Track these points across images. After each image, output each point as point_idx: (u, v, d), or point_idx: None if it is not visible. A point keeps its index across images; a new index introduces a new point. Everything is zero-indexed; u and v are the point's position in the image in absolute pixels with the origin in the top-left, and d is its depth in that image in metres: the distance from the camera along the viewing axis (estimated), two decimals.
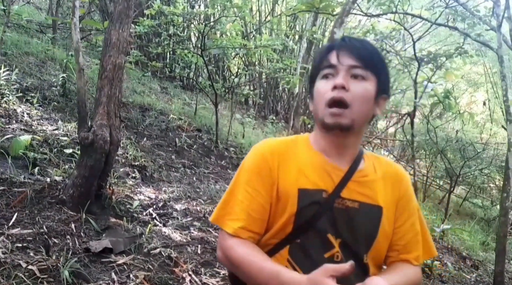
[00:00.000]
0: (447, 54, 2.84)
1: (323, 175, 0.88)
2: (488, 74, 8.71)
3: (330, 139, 0.89)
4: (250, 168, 0.90)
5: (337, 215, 0.86)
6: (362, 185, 0.89)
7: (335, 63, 0.85)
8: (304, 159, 0.90)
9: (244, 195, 0.88)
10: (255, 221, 0.87)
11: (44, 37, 4.98)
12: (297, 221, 0.86)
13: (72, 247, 2.02)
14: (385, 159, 0.98)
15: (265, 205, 0.88)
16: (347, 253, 0.86)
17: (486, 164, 5.61)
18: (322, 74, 0.87)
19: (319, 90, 0.87)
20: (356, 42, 0.88)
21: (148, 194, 3.03)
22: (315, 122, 0.93)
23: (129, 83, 5.39)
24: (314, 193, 0.86)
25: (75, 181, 2.29)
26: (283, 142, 0.94)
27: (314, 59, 0.96)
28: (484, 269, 3.70)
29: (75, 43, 2.24)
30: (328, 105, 0.84)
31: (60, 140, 2.93)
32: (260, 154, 0.91)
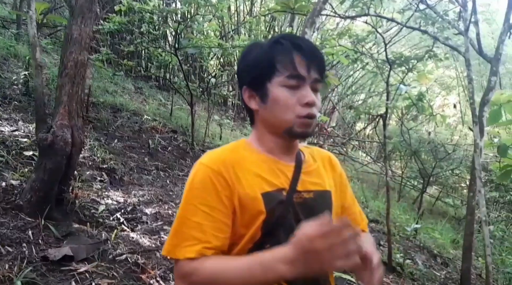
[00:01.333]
0: (417, 57, 2.89)
1: (278, 174, 0.88)
2: (460, 78, 9.02)
3: (282, 143, 0.90)
4: (201, 185, 0.83)
5: (298, 209, 0.86)
6: (310, 175, 0.91)
7: (305, 75, 0.84)
8: (257, 163, 0.88)
9: (202, 216, 0.81)
10: (219, 239, 0.82)
11: (7, 33, 4.74)
12: (265, 226, 0.83)
13: (28, 256, 1.90)
14: (315, 148, 1.03)
15: (227, 222, 0.83)
16: None
17: (456, 164, 5.77)
18: (287, 83, 0.83)
19: (287, 102, 0.84)
20: (318, 53, 0.87)
21: (116, 197, 2.90)
22: (266, 125, 0.89)
23: (101, 82, 5.21)
24: (276, 194, 0.85)
25: (33, 185, 2.15)
26: (228, 151, 0.90)
27: (268, 53, 0.86)
28: (453, 266, 3.79)
29: (31, 38, 2.11)
30: (301, 118, 0.84)
31: (19, 142, 2.77)
32: (209, 168, 0.84)
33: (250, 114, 0.93)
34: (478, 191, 2.24)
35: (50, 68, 4.37)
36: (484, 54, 2.71)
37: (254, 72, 0.87)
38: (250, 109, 0.90)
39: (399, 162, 7.78)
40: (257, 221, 0.83)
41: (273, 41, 0.87)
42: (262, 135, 0.91)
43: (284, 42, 0.85)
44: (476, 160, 2.28)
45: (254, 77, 0.87)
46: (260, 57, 0.87)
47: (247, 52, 0.91)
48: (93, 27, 2.16)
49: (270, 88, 0.85)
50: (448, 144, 6.18)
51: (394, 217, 5.04)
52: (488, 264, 2.18)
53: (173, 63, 5.41)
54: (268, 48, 0.86)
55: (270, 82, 0.85)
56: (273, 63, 0.84)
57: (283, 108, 0.84)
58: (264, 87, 0.86)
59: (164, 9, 3.90)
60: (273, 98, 0.85)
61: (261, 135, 0.91)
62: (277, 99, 0.84)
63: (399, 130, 6.02)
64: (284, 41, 0.86)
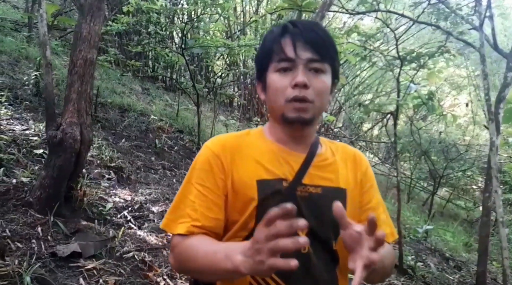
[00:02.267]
0: (429, 53, 2.83)
1: (282, 163, 0.84)
2: (471, 77, 8.87)
3: (288, 131, 0.86)
4: (201, 166, 0.85)
5: (301, 203, 0.81)
6: (322, 169, 0.86)
7: (292, 56, 0.80)
8: (260, 150, 0.86)
9: (196, 194, 0.82)
10: (209, 220, 0.81)
11: (19, 36, 4.80)
12: (259, 215, 0.79)
13: (37, 252, 1.90)
14: (341, 143, 0.97)
15: (219, 203, 0.83)
16: (315, 242, 0.80)
17: (468, 165, 5.66)
18: (278, 67, 0.82)
19: (276, 85, 0.82)
20: (310, 30, 0.82)
21: (124, 196, 2.91)
22: (270, 115, 0.89)
23: (109, 83, 5.24)
24: (274, 183, 0.82)
25: (42, 182, 2.16)
26: (234, 136, 0.90)
27: (264, 43, 0.87)
28: (467, 270, 3.70)
29: (41, 37, 2.12)
30: (289, 101, 0.81)
31: (30, 140, 2.79)
32: (210, 150, 0.86)
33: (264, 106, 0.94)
34: (495, 191, 2.17)
35: (60, 70, 4.41)
36: (500, 50, 2.64)
37: (257, 66, 0.89)
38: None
39: (408, 162, 7.67)
40: (248, 208, 0.80)
41: (268, 32, 0.88)
42: (272, 125, 0.90)
43: (276, 29, 0.85)
44: (492, 158, 2.22)
45: (258, 70, 0.89)
46: (259, 50, 0.88)
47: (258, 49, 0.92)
48: (102, 26, 2.17)
49: (268, 75, 0.85)
50: (460, 144, 6.07)
51: (404, 218, 4.97)
52: (505, 268, 2.10)
53: (179, 64, 5.42)
54: (264, 40, 0.87)
55: (267, 71, 0.85)
56: (268, 51, 0.84)
57: (275, 94, 0.83)
58: (264, 76, 0.86)
59: (171, 9, 3.90)
60: (269, 85, 0.85)
61: (271, 125, 0.90)
62: (271, 84, 0.84)
63: (408, 131, 5.94)
64: (275, 29, 0.86)
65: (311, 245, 0.78)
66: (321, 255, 0.83)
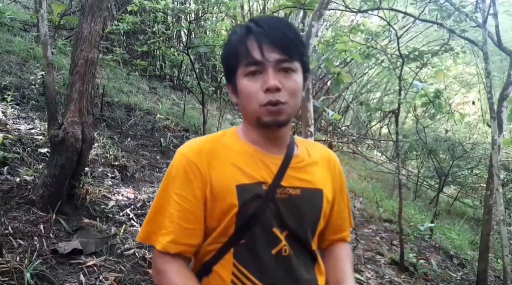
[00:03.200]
0: (432, 51, 2.80)
1: (260, 166, 0.83)
2: (480, 75, 8.71)
3: (264, 134, 0.85)
4: (176, 174, 0.82)
5: (281, 205, 0.81)
6: (300, 171, 0.86)
7: (260, 59, 0.78)
8: (237, 153, 0.84)
9: (173, 204, 0.80)
10: (187, 231, 0.80)
11: (28, 36, 4.89)
12: (239, 220, 0.79)
13: (38, 249, 1.94)
14: (316, 143, 0.98)
15: (197, 212, 0.81)
16: (295, 244, 0.82)
17: (475, 163, 5.58)
18: (246, 71, 0.79)
19: (248, 90, 0.79)
20: (275, 29, 0.79)
21: (127, 194, 2.94)
22: (244, 117, 0.87)
23: (116, 83, 5.30)
24: (254, 187, 0.80)
25: (45, 181, 2.21)
26: (209, 139, 0.87)
27: (229, 45, 0.84)
28: (470, 267, 3.67)
29: (42, 37, 2.16)
30: (263, 105, 0.79)
31: (35, 139, 2.84)
32: (185, 157, 0.82)
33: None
34: (496, 189, 2.15)
35: (68, 69, 4.47)
36: (504, 47, 2.60)
37: (225, 68, 0.86)
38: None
39: (415, 161, 7.59)
40: (228, 214, 0.79)
41: (231, 33, 0.85)
42: (246, 127, 0.87)
43: (239, 29, 0.82)
44: (494, 156, 2.19)
45: (226, 72, 0.86)
46: (225, 52, 0.85)
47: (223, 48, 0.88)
48: (106, 25, 2.19)
49: (237, 80, 0.82)
50: (466, 142, 5.99)
51: (409, 216, 4.92)
52: (506, 265, 2.09)
53: (185, 63, 5.45)
54: (229, 41, 0.84)
55: (236, 74, 0.82)
56: (235, 55, 0.81)
57: (248, 99, 0.80)
58: (233, 80, 0.83)
59: (175, 8, 3.93)
60: (239, 90, 0.82)
61: (246, 127, 0.88)
62: (241, 90, 0.81)
63: (415, 129, 5.87)
64: (239, 29, 0.82)
65: (291, 247, 0.81)
66: (301, 256, 0.83)
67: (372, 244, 3.58)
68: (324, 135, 8.14)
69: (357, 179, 6.24)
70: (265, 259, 0.79)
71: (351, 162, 7.29)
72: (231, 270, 0.80)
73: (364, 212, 4.64)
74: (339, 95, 8.03)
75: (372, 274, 2.97)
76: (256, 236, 0.80)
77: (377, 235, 3.96)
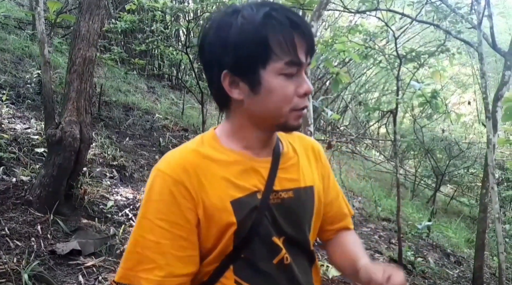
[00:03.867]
0: (429, 51, 2.81)
1: (251, 174, 0.75)
2: (476, 75, 8.76)
3: (263, 137, 0.77)
4: (159, 197, 0.70)
5: (276, 211, 0.75)
6: (289, 171, 0.79)
7: (304, 61, 0.70)
8: (225, 164, 0.74)
9: (160, 233, 0.69)
10: (183, 261, 0.70)
11: (23, 34, 4.85)
12: (237, 237, 0.73)
13: (36, 250, 1.94)
14: (296, 134, 0.87)
15: (191, 237, 0.71)
16: (293, 248, 0.78)
17: (471, 162, 5.63)
18: (284, 71, 0.69)
19: (284, 91, 0.70)
20: (307, 27, 0.71)
21: (126, 194, 2.94)
22: (256, 119, 0.74)
23: (114, 82, 5.28)
24: (248, 199, 0.73)
25: (42, 181, 2.20)
26: (189, 151, 0.75)
27: (258, 31, 0.67)
28: (467, 265, 3.70)
29: (39, 35, 2.15)
30: (298, 109, 0.72)
31: (31, 139, 2.83)
32: (169, 177, 0.70)
33: (225, 104, 0.75)
34: (491, 188, 2.17)
35: (64, 68, 4.45)
36: (498, 48, 2.62)
37: (241, 54, 0.68)
38: (228, 98, 0.73)
39: (413, 160, 7.64)
40: (226, 234, 0.72)
41: (264, 15, 0.67)
42: (241, 129, 0.76)
43: (280, 17, 0.68)
44: (489, 156, 2.21)
45: (240, 60, 0.69)
46: (249, 35, 0.67)
47: (222, 24, 0.70)
48: (103, 24, 2.18)
49: (264, 75, 0.69)
50: (462, 142, 6.04)
51: (407, 215, 4.95)
52: (501, 262, 2.11)
53: (184, 62, 5.43)
54: (260, 24, 0.67)
55: (264, 69, 0.68)
56: (268, 44, 0.67)
57: (281, 101, 0.70)
58: (256, 74, 0.69)
59: (173, 7, 3.91)
60: (268, 88, 0.69)
61: (239, 129, 0.76)
62: (273, 90, 0.69)
63: (413, 129, 5.91)
64: (278, 16, 0.68)
65: (290, 253, 0.77)
66: (300, 260, 0.80)
67: (371, 243, 3.59)
68: (323, 135, 8.16)
69: (356, 178, 6.26)
70: (267, 270, 0.75)
71: (349, 161, 7.32)
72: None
73: (362, 211, 4.66)
74: (338, 95, 8.05)
75: None
76: (256, 249, 0.74)
77: (376, 233, 3.98)
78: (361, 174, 6.67)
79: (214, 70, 0.72)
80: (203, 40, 0.73)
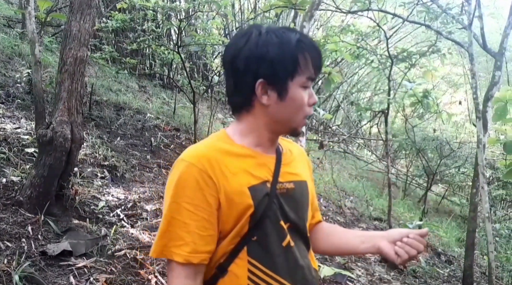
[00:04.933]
0: (420, 52, 2.84)
1: (261, 166, 0.89)
2: (467, 75, 8.87)
3: (273, 138, 0.92)
4: (186, 183, 0.82)
5: (282, 199, 0.88)
6: (289, 166, 0.94)
7: (314, 77, 0.88)
8: (241, 157, 0.88)
9: (187, 214, 0.81)
10: (205, 239, 0.82)
11: (12, 32, 4.78)
12: (252, 219, 0.84)
13: (27, 251, 1.91)
14: (286, 139, 1.05)
15: (211, 219, 0.83)
16: (296, 234, 0.90)
17: (462, 162, 5.70)
18: (304, 84, 0.86)
19: (302, 101, 0.87)
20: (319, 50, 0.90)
21: (117, 194, 2.91)
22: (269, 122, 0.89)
23: (104, 81, 5.23)
24: (261, 186, 0.86)
25: (33, 181, 2.17)
26: (209, 146, 0.88)
27: (290, 49, 0.84)
28: (458, 264, 3.75)
29: (30, 34, 2.12)
30: (306, 118, 0.90)
31: (21, 139, 2.79)
32: (195, 166, 0.82)
33: (247, 108, 0.88)
34: (481, 187, 2.20)
35: (54, 67, 4.39)
36: (488, 49, 2.65)
37: (278, 68, 0.84)
38: (252, 102, 0.87)
39: (404, 160, 7.71)
40: (245, 215, 0.83)
41: (297, 39, 0.85)
42: (255, 129, 0.89)
43: (307, 41, 0.87)
44: (479, 155, 2.24)
45: (276, 72, 0.84)
46: (287, 53, 0.84)
47: (261, 41, 0.85)
48: (94, 24, 2.16)
49: (291, 86, 0.85)
50: (453, 142, 6.11)
51: (398, 215, 5.00)
52: (491, 261, 2.15)
53: (176, 61, 5.41)
54: (295, 45, 0.84)
55: (292, 81, 0.85)
56: (296, 61, 0.84)
57: (299, 108, 0.87)
58: (286, 85, 0.85)
59: (165, 6, 3.89)
60: (292, 97, 0.86)
61: (253, 130, 0.89)
62: (296, 99, 0.86)
63: (404, 128, 5.96)
64: (306, 41, 0.87)
65: (293, 237, 0.89)
66: (300, 244, 0.91)
67: None
68: (315, 134, 8.19)
69: (348, 178, 6.30)
70: (277, 252, 0.86)
71: (342, 161, 7.35)
72: (246, 268, 0.84)
73: (354, 210, 4.69)
74: (330, 94, 8.08)
75: (362, 272, 3.01)
76: (267, 232, 0.85)
77: None
78: (353, 174, 6.72)
79: (247, 79, 0.86)
80: (238, 53, 0.86)
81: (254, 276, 0.84)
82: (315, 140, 6.30)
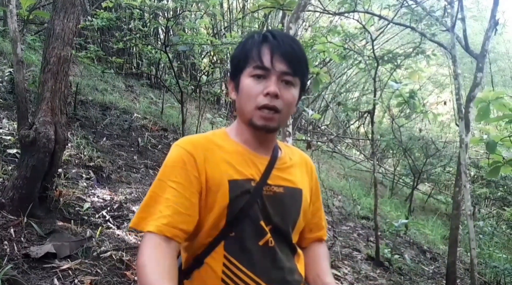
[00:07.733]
0: (405, 53, 2.89)
1: (250, 165, 0.90)
2: (452, 76, 9.03)
3: (254, 134, 0.93)
4: (173, 163, 0.87)
5: (267, 201, 0.89)
6: (283, 171, 0.94)
7: (269, 66, 0.86)
8: (229, 151, 0.91)
9: (169, 191, 0.84)
10: (182, 216, 0.83)
11: None
12: (229, 213, 0.86)
13: (9, 253, 1.87)
14: (294, 148, 1.08)
15: (192, 199, 0.85)
16: (278, 237, 0.90)
17: (447, 161, 5.81)
18: (252, 73, 0.87)
19: (249, 90, 0.87)
20: (288, 45, 0.88)
21: (103, 195, 2.87)
22: (239, 116, 0.94)
23: (90, 80, 5.15)
24: (244, 183, 0.87)
25: (15, 183, 2.12)
26: (202, 137, 0.94)
27: (243, 47, 0.92)
28: (442, 261, 3.82)
29: (12, 33, 2.08)
30: (259, 108, 0.87)
31: (3, 140, 2.73)
32: (182, 149, 0.89)
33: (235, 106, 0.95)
34: (464, 186, 2.25)
35: (38, 66, 4.30)
36: (471, 51, 2.71)
37: (233, 65, 0.93)
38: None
39: (391, 159, 7.81)
40: (220, 207, 0.85)
41: (248, 36, 0.93)
42: (240, 126, 0.94)
43: (257, 36, 0.91)
44: (461, 155, 2.29)
45: (233, 69, 0.93)
46: (237, 51, 0.92)
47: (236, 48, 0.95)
48: (78, 22, 2.13)
49: (241, 78, 0.89)
50: (439, 141, 6.22)
51: (385, 213, 5.06)
52: (473, 257, 2.20)
53: (163, 61, 5.36)
54: (244, 43, 0.92)
55: (242, 73, 0.89)
56: (246, 55, 0.89)
57: (247, 98, 0.88)
58: (239, 78, 0.90)
59: (152, 5, 3.86)
60: (241, 88, 0.89)
61: (239, 126, 0.94)
62: (243, 88, 0.88)
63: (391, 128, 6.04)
64: (256, 35, 0.91)
65: (275, 239, 0.90)
66: (283, 247, 0.92)
67: (350, 241, 3.66)
68: (304, 134, 8.23)
69: (336, 177, 6.35)
70: (253, 250, 0.86)
71: (330, 160, 7.41)
72: (222, 262, 0.85)
73: (342, 209, 4.73)
74: (319, 94, 8.13)
75: (349, 270, 3.04)
76: (245, 229, 0.86)
77: (355, 232, 4.05)
78: (341, 173, 6.78)
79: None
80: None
81: (228, 271, 0.85)
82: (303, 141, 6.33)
